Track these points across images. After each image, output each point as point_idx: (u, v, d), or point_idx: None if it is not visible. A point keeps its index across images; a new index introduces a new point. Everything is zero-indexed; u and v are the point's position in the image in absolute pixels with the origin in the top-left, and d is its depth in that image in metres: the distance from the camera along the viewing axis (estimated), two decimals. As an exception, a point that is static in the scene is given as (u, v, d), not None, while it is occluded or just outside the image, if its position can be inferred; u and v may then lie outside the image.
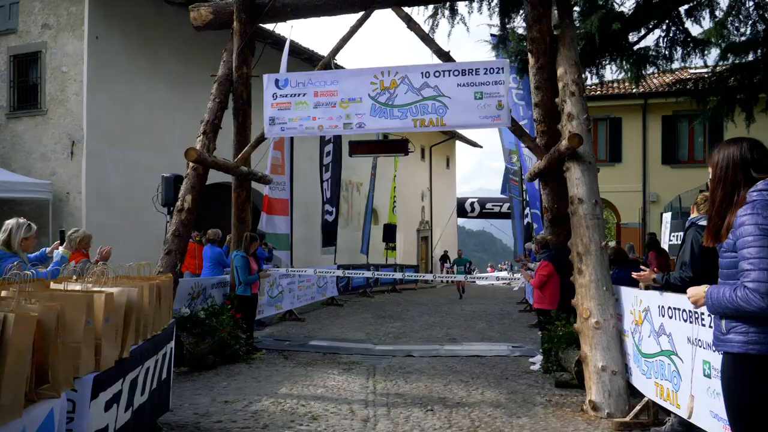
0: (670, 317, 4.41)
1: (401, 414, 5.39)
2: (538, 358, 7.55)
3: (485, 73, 7.11)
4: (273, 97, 7.70)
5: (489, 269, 43.24)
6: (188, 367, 7.25)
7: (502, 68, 7.12)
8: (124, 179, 11.41)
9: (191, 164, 7.19)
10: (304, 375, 7.03)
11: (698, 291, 2.45)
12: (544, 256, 7.68)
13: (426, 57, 7.76)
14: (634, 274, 4.83)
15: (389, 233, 21.02)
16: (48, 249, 5.05)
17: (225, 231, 9.44)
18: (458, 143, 34.68)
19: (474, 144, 34.02)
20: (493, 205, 33.14)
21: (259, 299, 10.30)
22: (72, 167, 11.11)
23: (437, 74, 7.26)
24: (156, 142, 11.99)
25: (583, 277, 5.79)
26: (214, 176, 8.39)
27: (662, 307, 4.57)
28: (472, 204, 34.26)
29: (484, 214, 34.67)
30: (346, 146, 16.94)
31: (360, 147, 7.89)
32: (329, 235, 15.58)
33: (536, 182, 10.77)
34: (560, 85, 6.72)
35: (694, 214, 4.68)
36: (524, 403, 5.73)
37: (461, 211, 33.90)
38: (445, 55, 7.33)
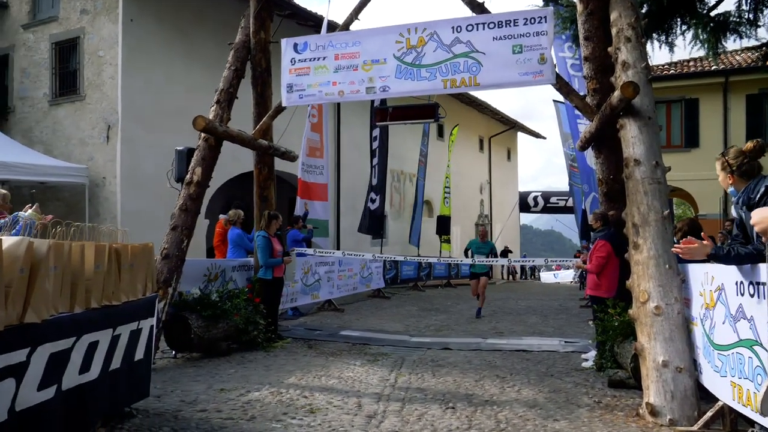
0: (752, 295, 3.38)
1: (415, 411, 4.58)
2: (592, 354, 6.52)
3: (525, 24, 6.15)
4: (291, 62, 7.05)
5: (555, 268, 41.31)
6: (201, 352, 6.74)
7: (545, 17, 6.12)
8: (158, 163, 11.11)
9: (202, 135, 6.66)
10: (321, 365, 6.34)
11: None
12: (601, 234, 6.63)
13: (457, 10, 6.88)
14: (675, 248, 3.87)
15: (443, 225, 20.09)
16: (21, 213, 4.60)
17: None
18: (520, 135, 33.24)
19: (537, 135, 32.45)
20: (558, 199, 31.36)
21: (290, 285, 9.77)
22: (107, 152, 10.96)
23: (470, 28, 6.37)
24: (191, 126, 11.64)
25: (639, 253, 4.77)
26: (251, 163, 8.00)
27: (740, 283, 3.52)
28: (535, 198, 32.57)
29: (548, 209, 32.89)
30: (391, 128, 16.40)
31: (385, 114, 7.12)
32: (373, 223, 14.86)
33: (590, 157, 9.62)
34: (614, 31, 5.69)
35: None
36: (566, 404, 4.78)
37: (524, 205, 32.31)
38: (479, 7, 6.43)
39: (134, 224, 10.15)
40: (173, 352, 6.62)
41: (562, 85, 6.12)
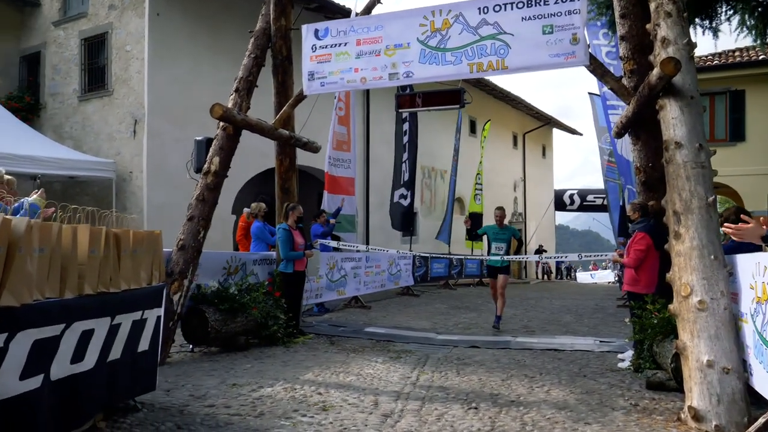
0: (811, 287, 2.98)
1: (435, 411, 4.29)
2: (629, 353, 6.11)
3: (556, 3, 5.78)
4: (312, 49, 6.83)
5: (592, 267, 40.27)
6: (219, 347, 6.59)
7: (578, -6, 5.76)
8: (184, 157, 11.06)
9: (221, 124, 6.50)
10: (341, 362, 6.10)
11: None
12: (639, 226, 6.19)
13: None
14: (725, 226, 3.48)
15: (474, 223, 19.60)
16: (26, 198, 4.48)
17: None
18: (556, 131, 32.43)
19: (573, 131, 31.62)
20: (595, 197, 30.34)
21: (315, 280, 9.57)
22: (134, 146, 10.96)
23: (497, 8, 6.04)
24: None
25: (681, 243, 4.36)
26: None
27: (797, 273, 3.13)
28: (571, 196, 31.62)
29: (584, 207, 31.87)
30: (422, 124, 16.07)
31: (408, 100, 6.83)
32: (404, 220, 14.56)
33: (626, 149, 9.17)
34: (652, 6, 5.26)
35: None
36: (599, 407, 4.41)
37: (559, 204, 31.46)
38: (507, -15, 6.08)
39: (160, 218, 10.12)
40: (190, 346, 6.48)
41: (596, 66, 5.73)
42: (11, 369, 2.50)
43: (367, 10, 6.71)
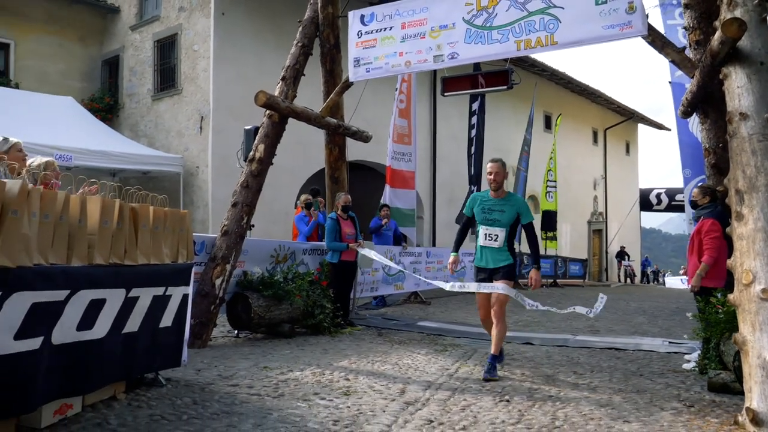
0: None
1: (463, 401, 4.05)
2: (695, 354, 5.55)
3: (612, -31, 5.37)
4: (358, 35, 6.76)
5: (681, 272, 37.71)
6: (263, 333, 6.63)
7: (635, -41, 5.30)
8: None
9: (266, 112, 6.55)
10: (383, 352, 5.95)
11: None
12: (707, 212, 5.59)
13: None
14: None
15: (549, 221, 18.87)
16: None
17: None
18: (641, 127, 30.67)
19: (660, 126, 29.72)
20: (684, 197, 28.51)
21: (370, 273, 9.49)
22: (200, 142, 11.38)
23: (547, -19, 5.69)
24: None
25: (744, 225, 3.87)
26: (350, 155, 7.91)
27: None
28: (658, 195, 29.64)
29: (672, 207, 29.84)
30: (494, 118, 15.62)
31: (454, 83, 6.58)
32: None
33: (695, 129, 8.42)
34: (719, -34, 4.75)
35: None
36: (647, 406, 3.99)
37: (645, 203, 29.65)
38: (558, -44, 5.71)
39: (224, 210, 10.40)
40: (236, 332, 6.56)
41: (655, 36, 5.26)
42: (5, 328, 2.55)
43: (413, -7, 6.53)
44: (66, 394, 3.04)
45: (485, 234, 5.02)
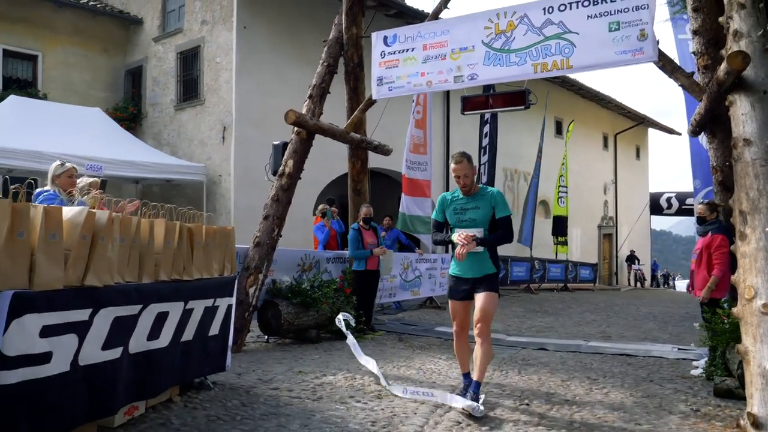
0: None
1: (486, 404, 4.39)
2: (703, 361, 5.86)
3: (624, -2, 5.71)
4: (381, 55, 7.12)
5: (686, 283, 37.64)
6: (291, 339, 7.00)
7: (647, -11, 5.63)
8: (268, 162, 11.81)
9: (295, 129, 6.92)
10: (405, 357, 6.31)
11: None
12: (714, 227, 5.93)
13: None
14: None
15: (560, 226, 19.16)
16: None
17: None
18: (652, 131, 30.82)
19: (671, 131, 29.86)
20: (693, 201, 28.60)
21: (389, 280, 9.84)
22: (223, 151, 11.79)
23: (562, 8, 6.03)
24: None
25: (747, 244, 4.19)
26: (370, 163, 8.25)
27: None
28: (668, 199, 29.83)
29: (683, 211, 30.04)
30: (506, 126, 15.90)
31: (472, 102, 6.93)
32: (482, 223, 14.50)
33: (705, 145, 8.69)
34: (726, -2, 5.07)
35: None
36: (656, 410, 4.32)
37: (655, 207, 29.83)
38: (573, -16, 6.04)
39: (246, 219, 10.81)
40: (266, 337, 6.94)
41: (665, 62, 5.58)
42: (95, 340, 2.92)
43: (434, 15, 6.90)
44: (137, 397, 3.42)
45: (461, 237, 4.17)
